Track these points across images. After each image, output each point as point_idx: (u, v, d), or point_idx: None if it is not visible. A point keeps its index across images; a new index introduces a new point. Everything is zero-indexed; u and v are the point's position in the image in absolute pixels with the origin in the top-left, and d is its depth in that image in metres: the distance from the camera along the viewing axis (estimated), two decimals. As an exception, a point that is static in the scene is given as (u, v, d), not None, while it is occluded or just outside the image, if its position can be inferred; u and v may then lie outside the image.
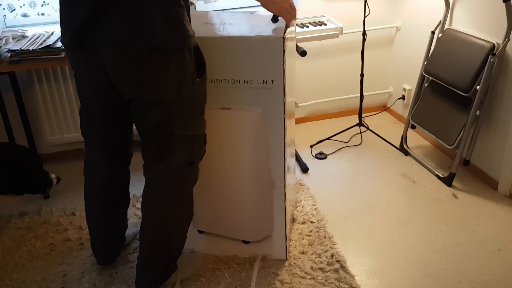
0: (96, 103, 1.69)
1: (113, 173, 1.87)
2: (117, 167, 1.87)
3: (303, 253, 2.03)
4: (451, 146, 2.47)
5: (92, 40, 1.49)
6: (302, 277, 1.90)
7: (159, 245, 1.75)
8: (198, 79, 1.58)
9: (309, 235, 2.14)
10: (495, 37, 2.32)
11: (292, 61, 1.96)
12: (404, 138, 2.89)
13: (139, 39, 1.44)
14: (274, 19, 1.72)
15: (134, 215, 2.32)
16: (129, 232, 2.15)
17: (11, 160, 1.94)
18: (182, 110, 1.59)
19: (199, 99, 1.63)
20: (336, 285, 1.86)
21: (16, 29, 2.64)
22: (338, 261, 1.97)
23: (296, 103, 3.21)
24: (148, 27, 1.43)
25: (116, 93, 1.61)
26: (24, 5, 2.70)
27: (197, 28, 1.69)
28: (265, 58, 1.64)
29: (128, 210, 2.36)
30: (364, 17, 2.79)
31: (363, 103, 3.03)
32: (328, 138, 3.06)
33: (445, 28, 2.64)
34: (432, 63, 2.62)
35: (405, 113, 3.20)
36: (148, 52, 1.46)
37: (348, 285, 1.86)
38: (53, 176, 2.05)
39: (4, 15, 2.69)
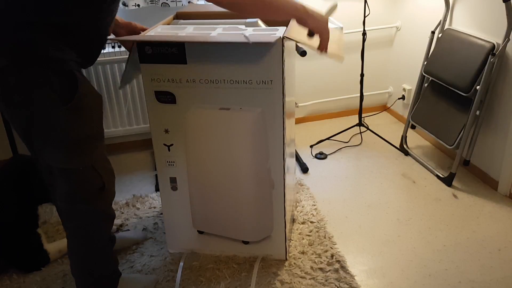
0: None
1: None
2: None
3: (303, 253, 2.03)
4: (451, 146, 2.47)
5: None
6: (302, 277, 1.90)
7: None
8: (65, 107, 1.37)
9: (309, 235, 2.14)
10: (495, 37, 2.32)
11: (292, 61, 1.95)
12: (404, 138, 2.89)
13: None
14: (311, 34, 1.59)
15: (134, 215, 2.32)
16: (130, 234, 2.15)
17: (29, 170, 1.97)
18: (45, 138, 1.42)
19: (67, 128, 1.41)
20: (336, 285, 1.86)
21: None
22: (338, 261, 1.97)
23: (296, 103, 3.21)
24: None
25: None
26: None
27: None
28: (264, 58, 1.63)
29: (128, 210, 2.37)
30: (364, 17, 2.79)
31: (363, 103, 3.03)
32: (328, 138, 3.06)
33: (445, 28, 2.64)
34: (432, 63, 2.62)
35: (405, 113, 3.20)
36: None
37: (348, 285, 1.86)
38: None
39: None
